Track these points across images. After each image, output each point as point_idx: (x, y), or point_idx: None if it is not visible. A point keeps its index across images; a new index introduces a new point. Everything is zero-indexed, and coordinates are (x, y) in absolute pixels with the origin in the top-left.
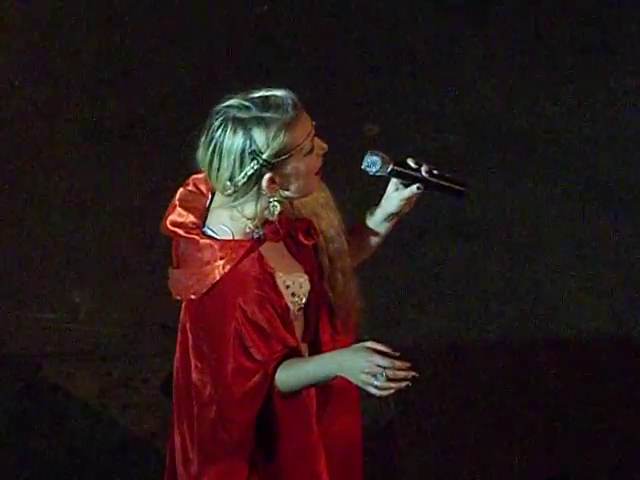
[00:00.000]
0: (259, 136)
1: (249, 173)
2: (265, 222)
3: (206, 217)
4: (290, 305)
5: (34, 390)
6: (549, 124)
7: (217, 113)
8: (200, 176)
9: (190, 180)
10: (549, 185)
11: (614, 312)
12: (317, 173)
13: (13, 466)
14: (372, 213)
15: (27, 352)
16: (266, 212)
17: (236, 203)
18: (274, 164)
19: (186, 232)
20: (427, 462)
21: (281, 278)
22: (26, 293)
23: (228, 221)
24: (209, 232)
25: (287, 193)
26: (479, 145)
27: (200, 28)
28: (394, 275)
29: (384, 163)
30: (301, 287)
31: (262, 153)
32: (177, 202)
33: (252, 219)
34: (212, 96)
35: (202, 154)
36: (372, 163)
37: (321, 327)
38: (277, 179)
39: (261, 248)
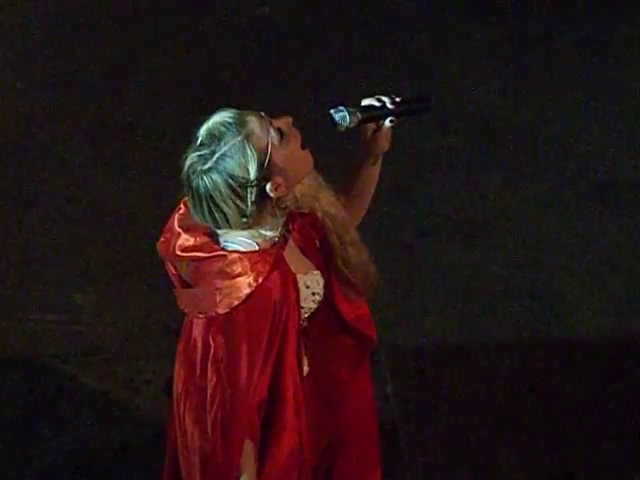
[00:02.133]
0: (233, 168)
1: (253, 199)
2: (286, 223)
3: (213, 235)
4: (312, 304)
5: (37, 391)
6: (552, 124)
7: (188, 179)
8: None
9: (182, 204)
10: (552, 185)
11: (617, 313)
12: (303, 147)
13: (16, 467)
14: (357, 166)
15: (30, 353)
16: (283, 212)
17: (256, 225)
18: (265, 175)
19: (208, 252)
20: (430, 462)
21: (302, 280)
22: (29, 295)
23: (249, 237)
24: (233, 246)
25: (293, 181)
26: (481, 145)
27: (202, 29)
28: (396, 275)
29: (352, 114)
30: (318, 284)
31: (248, 178)
32: (179, 229)
33: (275, 229)
34: (214, 97)
35: (203, 218)
36: (342, 119)
37: (337, 301)
38: (278, 180)
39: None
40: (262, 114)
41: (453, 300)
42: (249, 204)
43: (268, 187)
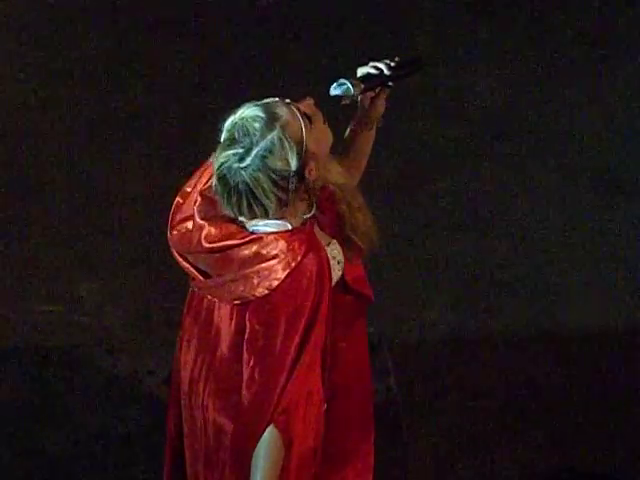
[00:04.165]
0: (274, 163)
1: (293, 188)
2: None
3: (237, 222)
4: (338, 273)
5: (39, 382)
6: (555, 116)
7: (223, 177)
8: (203, 186)
9: (196, 196)
10: (555, 178)
11: (621, 305)
12: (324, 123)
13: (18, 457)
14: (355, 132)
15: (33, 344)
16: (314, 192)
17: (291, 210)
18: (303, 162)
19: (240, 238)
20: (431, 455)
21: (327, 250)
22: (32, 285)
23: (280, 219)
24: (265, 229)
25: (321, 160)
26: (484, 138)
27: (204, 21)
28: (398, 267)
29: (354, 85)
30: (339, 252)
31: (289, 169)
32: (202, 221)
33: (307, 210)
34: (216, 88)
35: (240, 212)
36: (346, 91)
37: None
38: (312, 164)
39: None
40: (288, 101)
41: (455, 292)
42: (289, 193)
43: (306, 173)
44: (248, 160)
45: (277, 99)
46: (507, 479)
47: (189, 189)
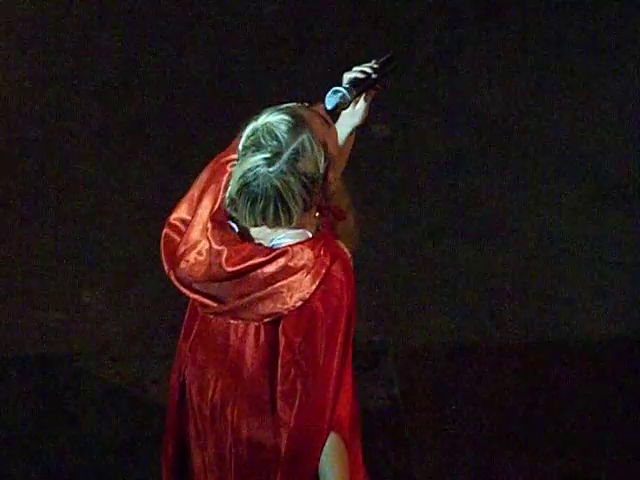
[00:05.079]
0: (306, 166)
1: (317, 193)
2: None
3: (251, 240)
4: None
5: (44, 390)
6: (560, 124)
7: (248, 185)
8: (211, 212)
9: (207, 224)
10: (560, 186)
11: (624, 314)
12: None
13: (23, 466)
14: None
15: (37, 352)
16: (331, 196)
17: (309, 218)
18: (327, 165)
19: (265, 255)
20: (434, 462)
21: None
22: (36, 293)
23: (299, 228)
24: (286, 241)
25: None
26: (489, 146)
27: (211, 27)
28: (402, 275)
29: (349, 91)
30: (349, 252)
31: (319, 173)
32: (221, 246)
33: (321, 215)
34: (223, 94)
35: (263, 220)
36: (343, 98)
37: None
38: (332, 167)
39: None
40: (307, 104)
41: (460, 301)
42: (314, 197)
43: (330, 176)
44: (278, 164)
45: (295, 104)
46: None
47: (176, 219)
